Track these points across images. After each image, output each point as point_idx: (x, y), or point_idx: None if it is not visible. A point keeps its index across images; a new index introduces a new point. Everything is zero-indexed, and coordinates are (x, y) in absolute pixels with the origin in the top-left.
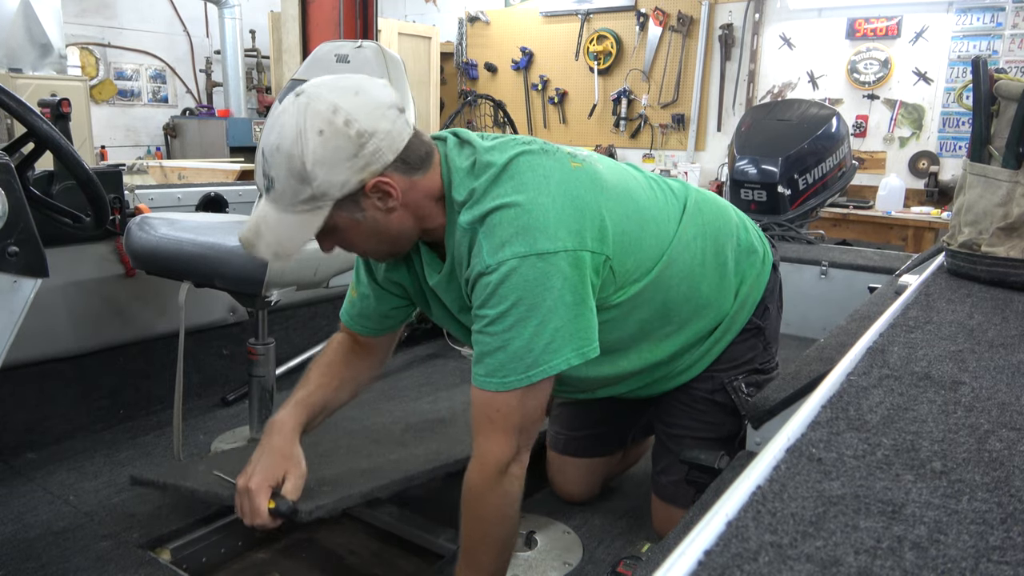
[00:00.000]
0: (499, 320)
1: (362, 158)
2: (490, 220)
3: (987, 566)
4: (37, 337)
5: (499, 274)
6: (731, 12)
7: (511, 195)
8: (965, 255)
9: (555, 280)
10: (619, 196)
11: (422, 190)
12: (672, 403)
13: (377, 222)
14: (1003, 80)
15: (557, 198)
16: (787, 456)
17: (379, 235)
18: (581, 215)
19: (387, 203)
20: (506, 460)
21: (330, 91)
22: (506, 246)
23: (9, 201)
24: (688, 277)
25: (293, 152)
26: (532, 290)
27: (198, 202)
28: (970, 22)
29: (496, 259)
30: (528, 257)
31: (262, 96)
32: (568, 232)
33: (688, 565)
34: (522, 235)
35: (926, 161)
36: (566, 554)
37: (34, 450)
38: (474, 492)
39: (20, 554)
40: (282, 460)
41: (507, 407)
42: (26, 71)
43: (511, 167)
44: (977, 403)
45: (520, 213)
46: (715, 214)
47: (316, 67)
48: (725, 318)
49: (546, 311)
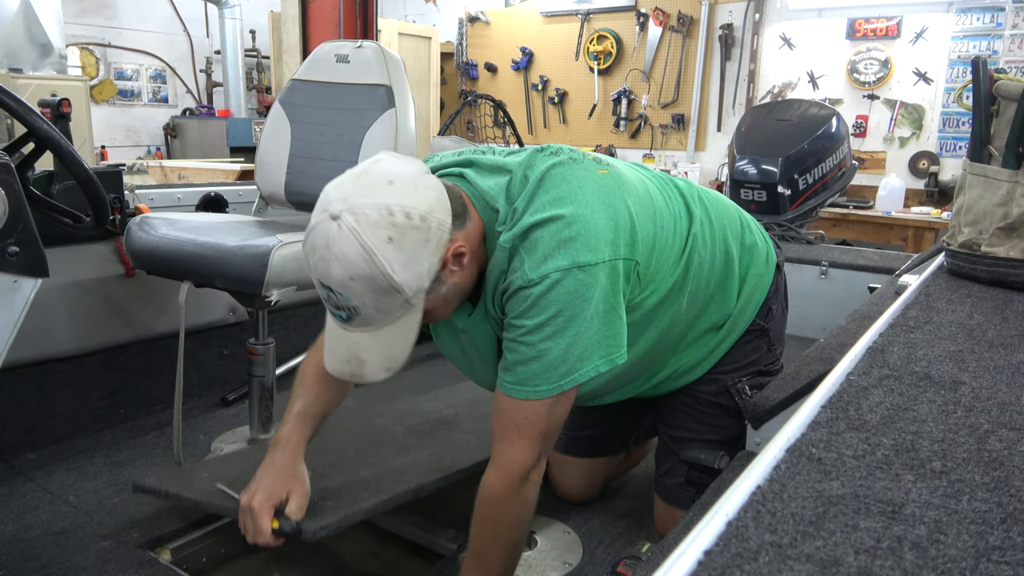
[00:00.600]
0: (537, 331)
1: (434, 238)
2: (532, 235)
3: (987, 566)
4: (37, 337)
5: (542, 287)
6: (731, 12)
7: (550, 209)
8: (965, 255)
9: (594, 291)
10: (641, 199)
11: (475, 235)
12: (676, 405)
13: (458, 286)
14: (1003, 80)
15: (594, 208)
16: (787, 456)
17: (460, 295)
18: (615, 224)
19: (462, 263)
20: (528, 467)
21: (366, 196)
22: (549, 260)
23: (9, 201)
24: (698, 276)
25: (372, 273)
26: (573, 302)
27: (198, 202)
28: (970, 22)
29: (539, 273)
30: (571, 270)
31: (262, 96)
32: (606, 243)
33: (688, 565)
34: (564, 248)
35: (926, 161)
36: (566, 554)
37: (34, 450)
38: (494, 499)
39: (20, 554)
40: (286, 479)
41: (536, 415)
42: (26, 71)
43: (546, 181)
44: (977, 403)
45: (561, 227)
46: (720, 212)
47: (316, 67)
48: (729, 318)
49: (583, 322)
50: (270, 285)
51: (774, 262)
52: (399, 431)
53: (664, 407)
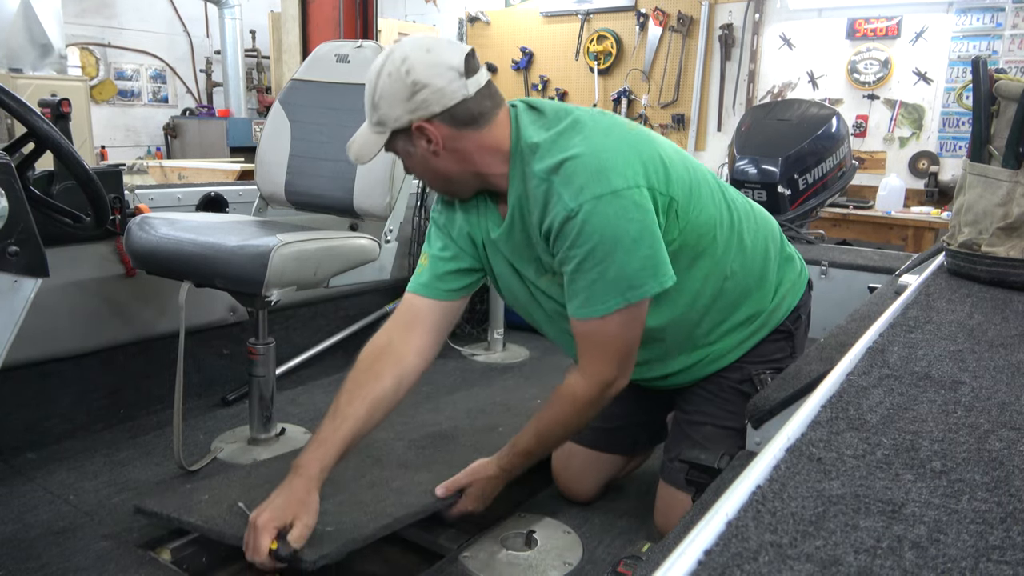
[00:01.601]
0: (590, 256)
1: (412, 103)
2: (565, 169)
3: (987, 566)
4: (37, 337)
5: (583, 215)
6: (731, 12)
7: (580, 146)
8: (965, 255)
9: (633, 213)
10: (675, 154)
11: (474, 142)
12: (698, 391)
13: (426, 159)
14: (1003, 80)
15: (621, 144)
16: (787, 456)
17: (430, 171)
18: (643, 159)
19: (429, 147)
20: (609, 380)
21: (410, 45)
22: (584, 189)
23: (9, 201)
24: (740, 254)
25: (369, 86)
26: (615, 224)
27: (198, 202)
28: (970, 22)
29: (577, 202)
30: (604, 196)
31: (262, 96)
32: (637, 173)
33: (688, 565)
34: (598, 177)
35: (926, 161)
36: (566, 554)
37: (34, 450)
38: (576, 401)
39: (20, 554)
40: (296, 504)
41: (609, 333)
42: (26, 71)
43: (578, 123)
44: (977, 403)
45: (591, 159)
46: (764, 218)
47: (316, 67)
48: (763, 312)
49: (630, 243)
50: (270, 285)
51: (806, 277)
52: (399, 446)
53: (686, 393)
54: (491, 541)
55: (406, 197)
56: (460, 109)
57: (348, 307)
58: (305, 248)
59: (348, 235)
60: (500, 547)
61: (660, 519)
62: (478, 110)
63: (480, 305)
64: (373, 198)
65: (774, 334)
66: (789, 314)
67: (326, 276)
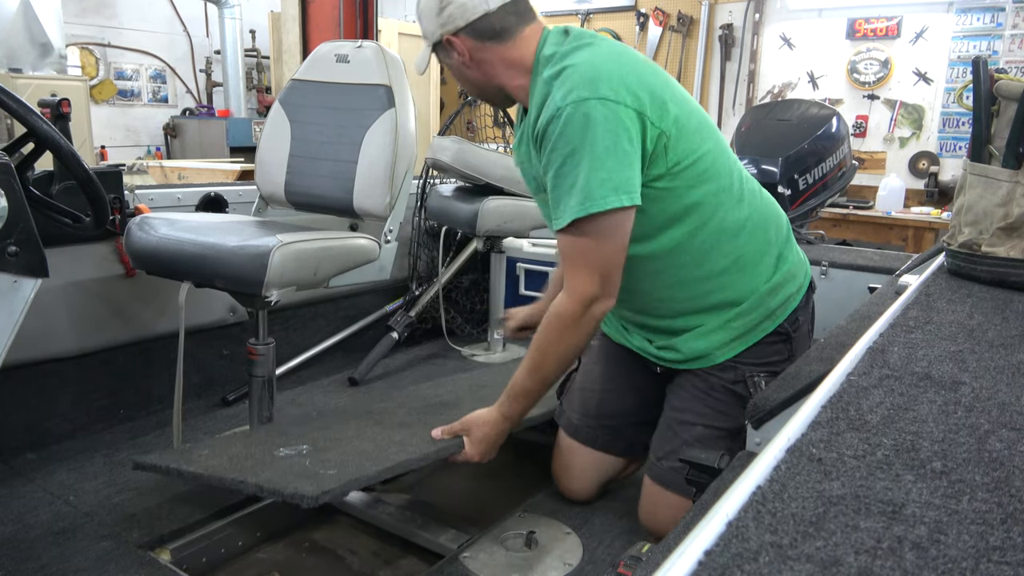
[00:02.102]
0: (565, 162)
1: (441, 18)
2: (563, 74)
3: (987, 566)
4: (37, 337)
5: (565, 115)
6: (731, 12)
7: (585, 57)
8: (965, 255)
9: (612, 124)
10: (685, 103)
11: (497, 54)
12: (688, 388)
13: (459, 71)
14: (1003, 80)
15: (625, 68)
16: (787, 456)
17: (464, 81)
18: (644, 87)
19: (459, 59)
20: (591, 296)
21: None
22: (573, 91)
23: (9, 201)
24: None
25: (416, 5)
26: (591, 128)
27: (198, 202)
28: (970, 22)
29: (564, 102)
30: (589, 100)
31: (262, 96)
32: (629, 94)
33: (688, 565)
34: (590, 83)
35: (926, 161)
36: (566, 554)
37: (34, 450)
38: (561, 319)
39: (20, 554)
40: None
41: (583, 246)
42: (26, 71)
43: (594, 43)
44: (977, 403)
45: (590, 69)
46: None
47: (316, 67)
48: (752, 297)
49: (602, 150)
50: (270, 285)
51: (809, 278)
52: (400, 412)
53: (676, 389)
54: (491, 541)
55: (406, 197)
56: (482, 23)
57: (348, 307)
58: (305, 248)
59: (348, 235)
60: (500, 547)
61: (645, 517)
62: (500, 25)
63: (480, 305)
64: (373, 198)
65: (771, 336)
66: (788, 316)
67: (326, 276)
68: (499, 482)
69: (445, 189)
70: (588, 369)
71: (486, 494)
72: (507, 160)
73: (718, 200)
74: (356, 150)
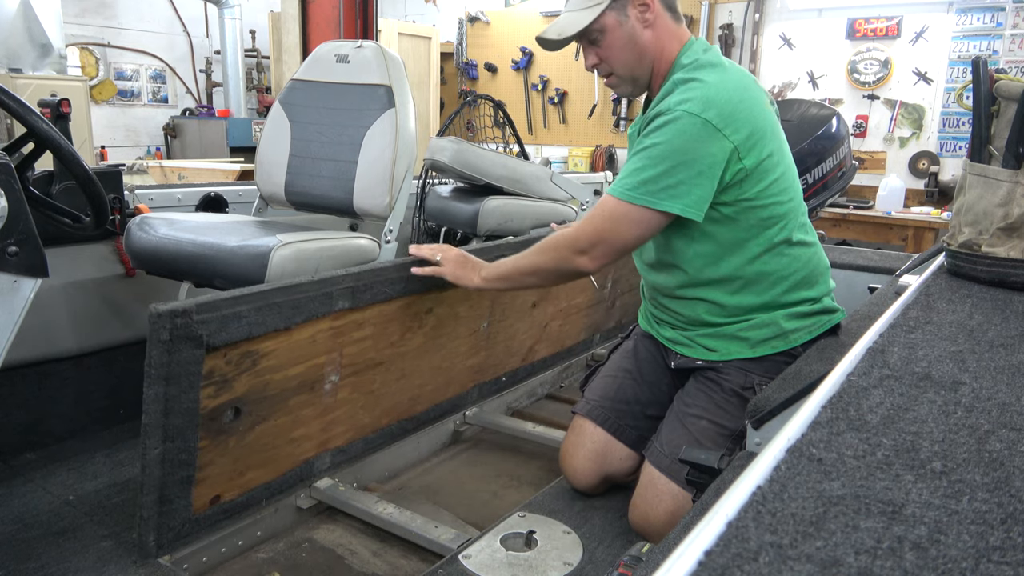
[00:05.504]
0: (651, 148)
1: None
2: (691, 84)
3: (987, 566)
4: (37, 337)
5: (671, 116)
6: (731, 12)
7: (715, 82)
8: (965, 255)
9: (708, 147)
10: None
11: (668, 29)
12: (700, 386)
13: (633, 32)
14: (1003, 80)
15: (743, 103)
16: (787, 456)
17: (632, 45)
18: (750, 128)
19: (645, 15)
20: (578, 248)
21: None
22: (690, 103)
23: (9, 201)
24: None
25: None
26: (687, 140)
27: (198, 202)
28: (970, 22)
29: (679, 108)
30: (698, 117)
31: (262, 96)
32: (734, 130)
33: (688, 565)
34: (705, 103)
35: (926, 161)
36: (566, 554)
37: (34, 450)
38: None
39: (20, 554)
40: None
41: (610, 214)
42: (26, 71)
43: (728, 69)
44: (977, 403)
45: (712, 91)
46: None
47: (316, 67)
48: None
49: (687, 164)
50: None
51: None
52: None
53: (688, 386)
54: (491, 541)
55: (406, 197)
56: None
57: None
58: (305, 248)
59: (348, 235)
60: (500, 547)
61: (636, 505)
62: (677, 6)
63: None
64: (373, 198)
65: (784, 355)
66: (804, 343)
67: None
68: (499, 482)
69: (444, 190)
70: (614, 360)
71: (486, 494)
72: (507, 159)
73: (771, 242)
74: (356, 150)
